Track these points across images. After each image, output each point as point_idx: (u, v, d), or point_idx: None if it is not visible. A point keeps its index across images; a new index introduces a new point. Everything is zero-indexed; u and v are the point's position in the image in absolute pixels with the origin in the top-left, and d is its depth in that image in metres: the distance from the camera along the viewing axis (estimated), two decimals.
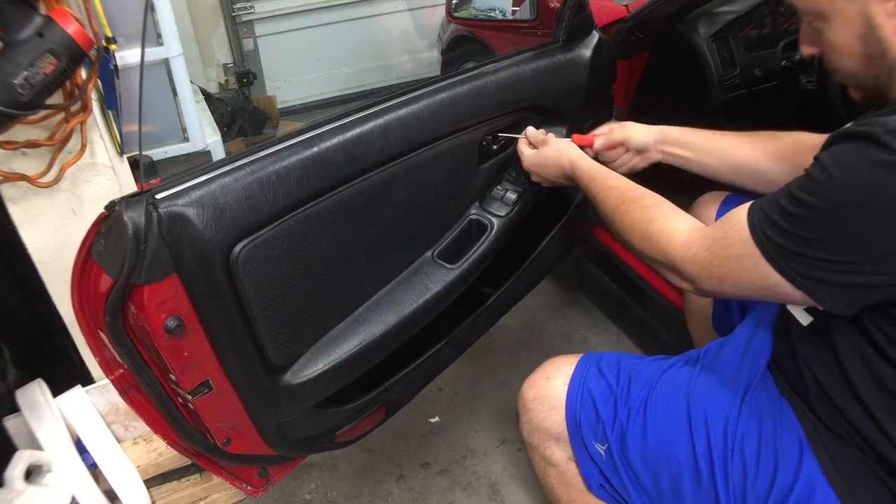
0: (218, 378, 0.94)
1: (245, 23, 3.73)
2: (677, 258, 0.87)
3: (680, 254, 0.86)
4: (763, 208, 0.77)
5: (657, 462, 0.97)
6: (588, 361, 1.09)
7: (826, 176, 0.70)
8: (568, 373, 1.08)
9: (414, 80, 1.18)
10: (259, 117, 3.64)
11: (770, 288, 0.77)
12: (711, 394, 0.97)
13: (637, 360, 1.08)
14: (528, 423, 1.10)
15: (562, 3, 1.34)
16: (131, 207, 0.78)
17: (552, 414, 1.06)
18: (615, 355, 1.10)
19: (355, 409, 1.18)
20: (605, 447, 1.01)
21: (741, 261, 0.78)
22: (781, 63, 1.73)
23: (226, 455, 1.05)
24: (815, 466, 0.85)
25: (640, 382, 1.02)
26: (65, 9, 1.06)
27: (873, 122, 0.67)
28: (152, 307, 0.81)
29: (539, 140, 1.24)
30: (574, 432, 1.04)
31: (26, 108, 1.03)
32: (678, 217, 0.92)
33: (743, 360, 1.00)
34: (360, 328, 1.08)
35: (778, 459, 0.88)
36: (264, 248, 0.90)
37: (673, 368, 1.04)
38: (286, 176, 0.90)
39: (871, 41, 0.74)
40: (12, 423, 1.46)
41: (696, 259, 0.84)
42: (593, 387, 1.04)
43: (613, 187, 1.04)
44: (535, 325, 2.14)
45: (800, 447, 0.88)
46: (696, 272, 0.85)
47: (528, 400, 1.10)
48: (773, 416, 0.92)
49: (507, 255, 1.35)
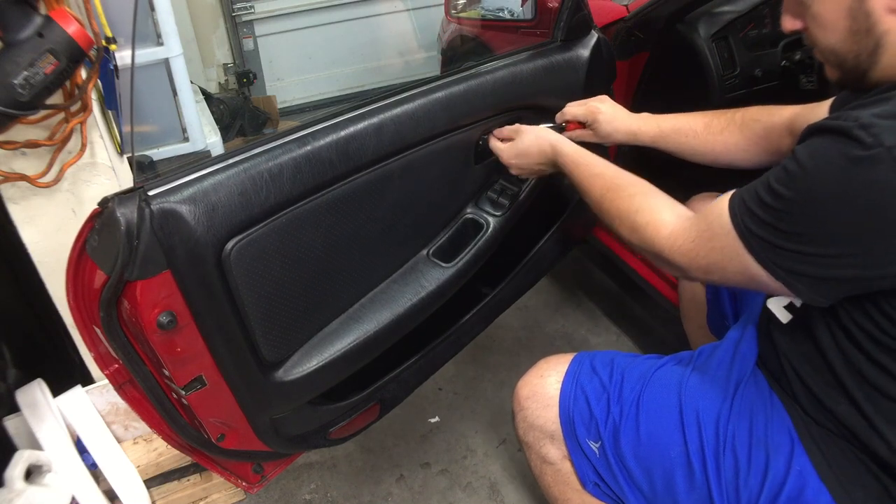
0: (211, 374, 0.94)
1: (245, 23, 3.75)
2: (664, 250, 0.88)
3: (667, 246, 0.87)
4: (744, 199, 0.77)
5: (650, 459, 0.97)
6: (582, 360, 1.09)
7: (800, 169, 0.70)
8: (562, 371, 1.08)
9: (413, 80, 1.19)
10: (259, 117, 3.66)
11: (753, 278, 0.77)
12: (703, 392, 0.97)
13: (630, 358, 1.09)
14: (523, 421, 1.10)
15: (559, 3, 1.35)
16: (124, 204, 0.79)
17: (546, 412, 1.06)
18: (609, 354, 1.10)
19: (349, 407, 1.19)
20: (599, 444, 1.02)
21: (725, 252, 0.79)
22: (781, 63, 1.73)
23: (220, 450, 1.05)
24: (806, 461, 0.86)
25: (632, 380, 1.03)
26: (65, 9, 1.07)
27: (847, 116, 0.68)
28: (145, 303, 0.82)
29: (511, 131, 1.21)
30: (568, 430, 1.04)
31: (26, 108, 1.04)
32: (664, 207, 0.92)
33: (734, 360, 1.00)
34: (354, 326, 1.08)
35: (769, 455, 0.88)
36: (257, 245, 0.90)
37: (665, 367, 1.04)
38: (279, 173, 0.90)
39: (859, 15, 0.73)
40: (12, 423, 1.47)
41: (682, 251, 0.85)
42: (586, 384, 1.05)
43: (598, 174, 1.03)
44: (535, 325, 2.14)
45: (790, 442, 0.88)
46: (683, 263, 0.86)
47: (522, 398, 1.10)
48: (763, 412, 0.92)
49: (504, 255, 1.35)
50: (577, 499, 1.08)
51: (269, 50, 3.87)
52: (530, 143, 1.17)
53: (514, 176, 1.30)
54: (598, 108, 1.25)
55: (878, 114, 0.66)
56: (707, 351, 1.06)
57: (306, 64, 4.00)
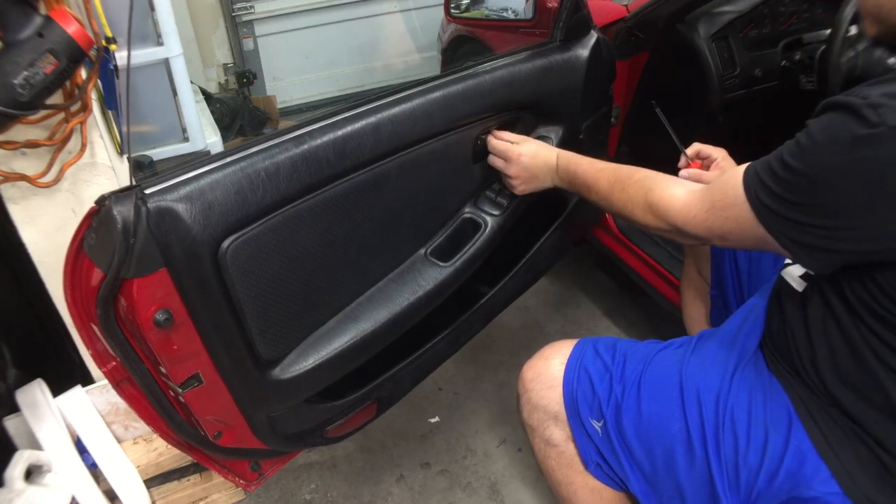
0: (208, 371, 0.94)
1: (245, 23, 3.76)
2: (679, 221, 0.91)
3: (682, 216, 0.91)
4: (757, 171, 0.80)
5: (651, 435, 0.99)
6: (585, 344, 1.12)
7: (810, 142, 0.73)
8: (566, 353, 1.11)
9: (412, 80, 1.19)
10: (259, 117, 3.68)
11: (766, 244, 0.81)
12: (703, 371, 1.00)
13: (632, 342, 1.12)
14: (528, 402, 1.12)
15: (559, 3, 1.35)
16: (121, 202, 0.79)
17: (550, 392, 1.09)
18: (611, 339, 1.13)
19: (346, 405, 1.19)
20: (602, 423, 1.04)
21: (740, 221, 0.82)
22: (781, 63, 1.72)
23: (217, 448, 1.06)
24: (804, 436, 0.87)
25: (635, 360, 1.05)
26: (65, 9, 1.07)
27: (859, 93, 0.70)
28: (141, 300, 0.82)
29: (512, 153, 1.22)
30: (571, 409, 1.06)
31: (26, 108, 1.04)
32: (673, 182, 0.96)
33: (734, 341, 1.03)
34: (351, 324, 1.08)
35: (768, 432, 0.90)
36: (253, 244, 0.91)
37: (668, 349, 1.07)
38: (276, 172, 0.90)
39: None
40: (12, 423, 1.47)
41: (697, 220, 0.89)
42: (590, 365, 1.07)
43: (601, 169, 1.08)
44: (535, 325, 2.14)
45: (788, 419, 0.90)
46: (701, 232, 0.89)
47: (527, 380, 1.13)
48: (762, 391, 0.94)
49: (503, 254, 1.35)
50: (581, 481, 1.10)
51: (268, 50, 3.88)
52: (537, 157, 1.20)
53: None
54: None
55: (888, 93, 0.68)
56: (708, 333, 1.09)
57: (306, 64, 4.01)
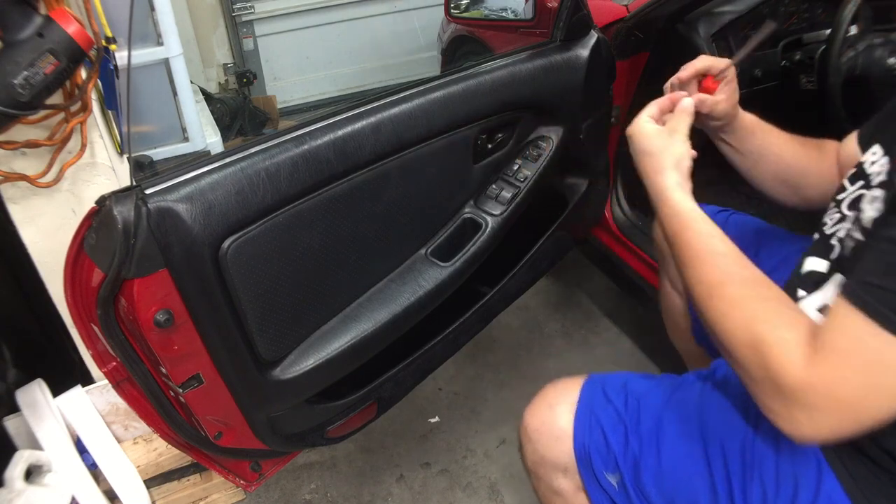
0: (208, 372, 0.94)
1: (245, 23, 3.75)
2: (795, 383, 0.66)
3: (800, 377, 0.66)
4: (868, 282, 0.64)
5: (674, 491, 0.93)
6: (593, 386, 1.02)
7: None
8: (572, 400, 1.01)
9: (412, 80, 1.19)
10: (259, 117, 3.67)
11: None
12: (725, 418, 0.92)
13: (643, 381, 1.02)
14: (534, 453, 1.04)
15: (559, 3, 1.34)
16: (121, 202, 0.79)
17: (558, 444, 1.00)
18: (620, 377, 1.03)
19: (346, 405, 1.19)
20: (618, 478, 0.96)
21: (883, 357, 0.62)
22: (781, 63, 1.72)
23: (218, 448, 1.06)
24: (835, 482, 0.82)
25: (649, 409, 0.97)
26: (65, 9, 1.07)
27: None
28: (142, 301, 0.82)
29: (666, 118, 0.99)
30: (583, 463, 0.99)
31: (26, 108, 1.04)
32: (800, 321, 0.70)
33: None
34: (351, 325, 1.08)
35: (797, 481, 0.84)
36: (253, 244, 0.91)
37: (681, 391, 0.98)
38: (276, 172, 0.91)
39: None
40: (12, 423, 1.47)
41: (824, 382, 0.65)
42: (601, 414, 0.98)
43: (721, 253, 0.80)
44: (535, 325, 2.14)
45: (817, 465, 0.84)
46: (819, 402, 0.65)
47: (531, 430, 1.03)
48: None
49: (503, 254, 1.35)
50: None
51: (268, 50, 3.88)
52: (655, 147, 0.94)
53: (515, 175, 1.29)
54: None
55: None
56: (723, 367, 0.99)
57: (306, 64, 4.01)
